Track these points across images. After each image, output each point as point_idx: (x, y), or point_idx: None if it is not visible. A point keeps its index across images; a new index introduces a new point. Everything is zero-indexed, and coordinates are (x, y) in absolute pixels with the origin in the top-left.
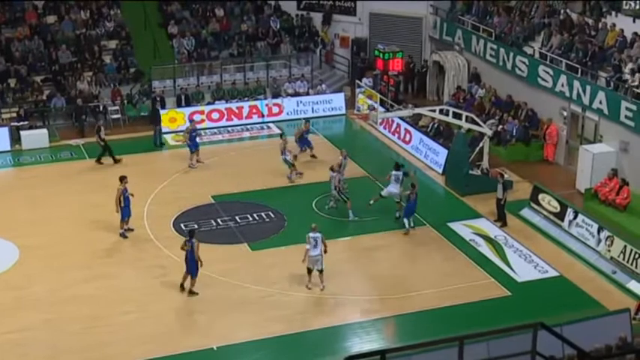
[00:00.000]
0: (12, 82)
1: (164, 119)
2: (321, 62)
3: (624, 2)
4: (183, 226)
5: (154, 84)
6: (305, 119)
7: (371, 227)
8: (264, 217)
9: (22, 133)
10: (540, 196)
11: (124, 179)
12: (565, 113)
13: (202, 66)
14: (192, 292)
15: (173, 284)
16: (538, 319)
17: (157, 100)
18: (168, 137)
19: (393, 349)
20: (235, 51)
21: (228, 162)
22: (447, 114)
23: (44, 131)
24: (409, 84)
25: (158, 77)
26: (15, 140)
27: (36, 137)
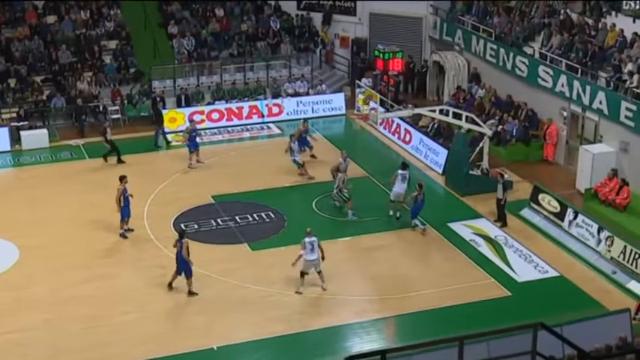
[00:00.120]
0: (12, 82)
1: (164, 119)
2: (321, 62)
3: (624, 2)
4: (183, 226)
5: (153, 84)
6: (304, 119)
7: (371, 227)
8: (264, 217)
9: (22, 134)
10: (540, 196)
11: (123, 179)
12: (565, 113)
13: (202, 66)
14: (192, 293)
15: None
16: (538, 319)
17: (159, 100)
18: (169, 137)
19: (393, 349)
20: (235, 51)
21: (228, 162)
22: (447, 114)
23: (44, 131)
24: (409, 84)
25: (158, 77)
26: (15, 140)
27: (36, 137)
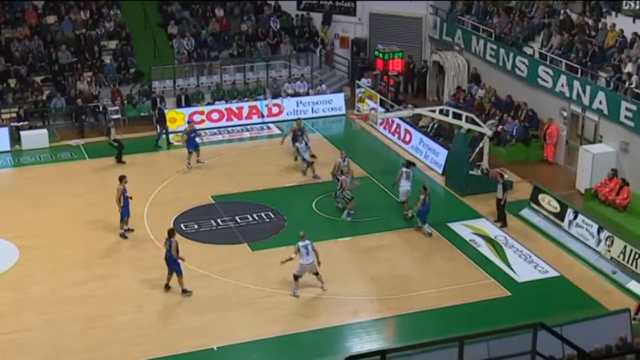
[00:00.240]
0: (12, 83)
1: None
2: (321, 62)
3: (624, 2)
4: (183, 226)
5: (153, 84)
6: (297, 118)
7: (371, 227)
8: (264, 217)
9: (22, 134)
10: (540, 197)
11: (123, 179)
12: (565, 113)
13: (202, 66)
14: (185, 291)
15: (173, 284)
16: (538, 319)
17: (162, 100)
18: (169, 137)
19: (393, 349)
20: (235, 51)
21: (228, 162)
22: (446, 114)
23: (44, 131)
24: (409, 84)
25: (158, 77)
26: (15, 140)
27: (36, 137)
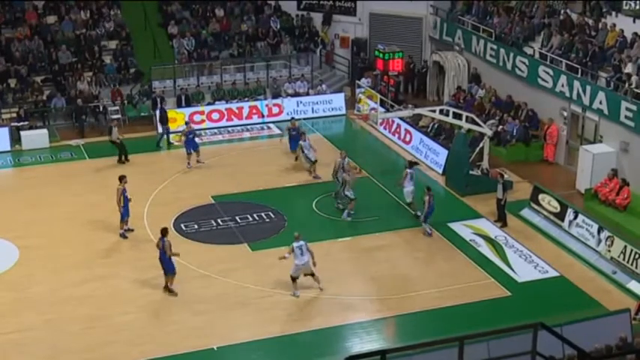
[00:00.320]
0: (12, 83)
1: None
2: (321, 62)
3: (624, 2)
4: (183, 226)
5: (154, 84)
6: (291, 118)
7: (371, 227)
8: (265, 217)
9: (22, 134)
10: (540, 197)
11: (123, 179)
12: (565, 113)
13: (202, 66)
14: (170, 291)
15: (173, 284)
16: (538, 319)
17: (163, 100)
18: (170, 137)
19: (393, 349)
20: (235, 51)
21: (229, 162)
22: (447, 114)
23: (44, 131)
24: (409, 84)
25: (158, 77)
26: (15, 140)
27: (36, 137)
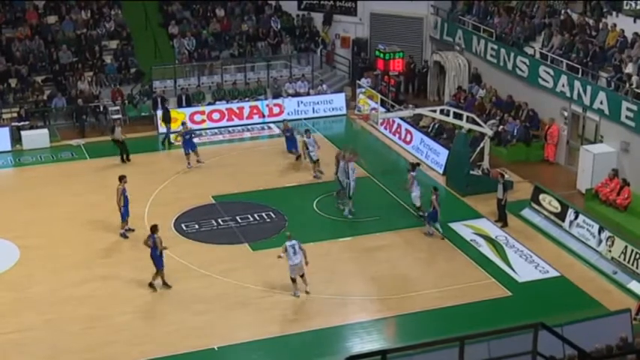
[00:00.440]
0: (13, 82)
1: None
2: (322, 62)
3: (625, 2)
4: (184, 226)
5: (154, 84)
6: (283, 120)
7: (371, 227)
8: (265, 217)
9: (23, 133)
10: (541, 197)
11: (123, 179)
12: (566, 113)
13: (203, 66)
14: (152, 285)
15: (173, 284)
16: (539, 319)
17: (167, 100)
18: (170, 137)
19: (394, 349)
20: (236, 51)
21: (229, 162)
22: (447, 114)
23: (45, 131)
24: (410, 84)
25: (159, 77)
26: (16, 140)
27: (37, 137)
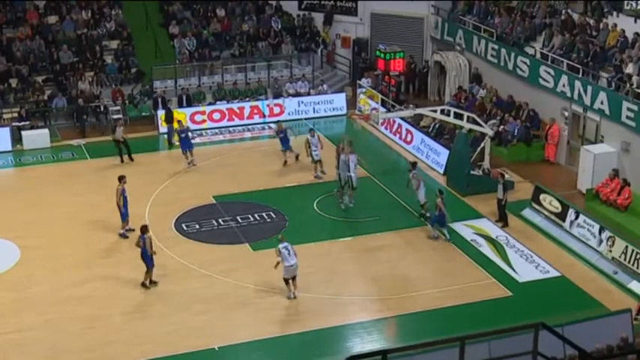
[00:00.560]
0: (13, 82)
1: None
2: (323, 62)
3: (625, 2)
4: (184, 226)
5: (155, 84)
6: (277, 121)
7: (371, 227)
8: (266, 217)
9: (24, 133)
10: (542, 197)
11: (122, 179)
12: (566, 113)
13: (203, 66)
14: (145, 285)
15: (173, 284)
16: (539, 319)
17: (169, 100)
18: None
19: (394, 349)
20: (236, 51)
21: (230, 162)
22: (448, 114)
23: (45, 131)
24: (410, 84)
25: (159, 77)
26: (16, 140)
27: (37, 137)
